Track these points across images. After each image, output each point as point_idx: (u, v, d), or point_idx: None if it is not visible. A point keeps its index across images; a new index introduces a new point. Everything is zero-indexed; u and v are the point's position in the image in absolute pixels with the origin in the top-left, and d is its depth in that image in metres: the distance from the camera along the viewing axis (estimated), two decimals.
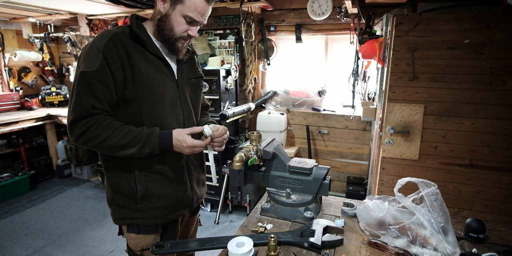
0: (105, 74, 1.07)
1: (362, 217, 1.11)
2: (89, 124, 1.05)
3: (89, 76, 1.05)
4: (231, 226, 3.03)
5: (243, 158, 1.11)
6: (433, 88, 2.06)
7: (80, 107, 1.05)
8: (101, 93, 1.07)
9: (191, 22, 1.14)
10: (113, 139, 1.07)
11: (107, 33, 1.12)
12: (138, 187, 1.19)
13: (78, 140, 1.08)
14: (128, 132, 1.09)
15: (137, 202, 1.20)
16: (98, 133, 1.06)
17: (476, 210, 2.12)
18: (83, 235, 2.91)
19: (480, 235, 1.04)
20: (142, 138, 1.09)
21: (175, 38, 1.16)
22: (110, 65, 1.07)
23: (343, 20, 3.00)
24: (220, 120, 2.99)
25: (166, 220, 1.26)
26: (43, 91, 4.30)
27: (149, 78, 1.14)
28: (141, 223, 1.22)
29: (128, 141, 1.08)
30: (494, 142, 2.00)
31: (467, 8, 2.08)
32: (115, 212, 1.24)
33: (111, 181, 1.22)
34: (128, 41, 1.13)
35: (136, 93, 1.12)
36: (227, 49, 3.55)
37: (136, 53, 1.13)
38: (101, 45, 1.07)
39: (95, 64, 1.06)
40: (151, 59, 1.16)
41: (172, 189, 1.24)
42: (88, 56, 1.08)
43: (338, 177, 3.56)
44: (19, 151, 4.05)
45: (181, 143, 1.12)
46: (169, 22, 1.14)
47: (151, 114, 1.16)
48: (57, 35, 4.18)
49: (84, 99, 1.06)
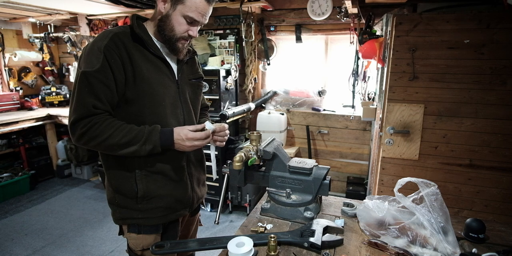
0: (106, 74, 1.06)
1: (362, 217, 1.11)
2: (91, 123, 1.05)
3: (90, 76, 1.05)
4: (231, 226, 3.03)
5: (243, 158, 1.11)
6: (433, 88, 2.06)
7: (81, 107, 1.05)
8: (102, 93, 1.07)
9: (191, 22, 1.14)
10: (114, 138, 1.07)
11: (108, 33, 1.11)
12: (139, 187, 1.19)
13: (79, 140, 1.08)
14: (130, 131, 1.09)
15: (138, 202, 1.20)
16: (100, 132, 1.06)
17: (476, 210, 2.12)
18: (83, 235, 2.91)
19: (480, 235, 1.04)
20: (143, 135, 1.09)
21: (176, 38, 1.16)
22: (111, 65, 1.07)
23: (343, 20, 3.00)
24: (220, 120, 2.99)
25: (167, 220, 1.26)
26: (43, 91, 4.30)
27: (150, 79, 1.13)
28: (141, 223, 1.22)
29: (129, 139, 1.08)
30: (494, 142, 2.00)
31: (467, 8, 2.08)
32: (116, 212, 1.24)
33: (112, 181, 1.22)
34: (129, 41, 1.13)
35: (137, 94, 1.12)
36: (227, 49, 3.55)
37: (137, 53, 1.13)
38: (102, 45, 1.07)
39: (96, 64, 1.05)
40: (152, 60, 1.16)
41: (172, 189, 1.24)
42: (89, 56, 1.07)
43: (338, 177, 3.56)
44: (19, 151, 4.05)
45: (181, 137, 1.12)
46: (169, 23, 1.14)
47: (152, 114, 1.16)
48: (57, 35, 4.18)
49: (86, 99, 1.05)
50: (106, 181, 1.26)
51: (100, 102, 1.07)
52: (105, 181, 1.27)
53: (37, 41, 4.23)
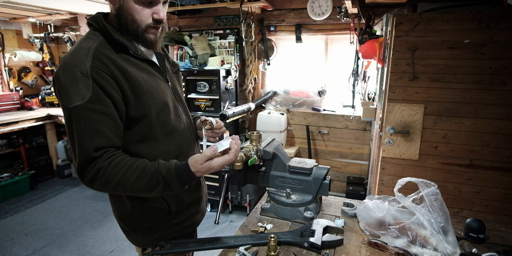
0: (102, 102, 0.90)
1: (362, 217, 1.11)
2: (95, 169, 0.90)
3: (84, 109, 0.88)
4: (231, 226, 3.03)
5: (243, 158, 1.11)
6: (433, 88, 2.06)
7: (82, 152, 0.90)
8: (104, 126, 0.91)
9: (150, 2, 0.95)
10: (125, 183, 0.91)
11: (84, 51, 0.92)
12: (169, 203, 1.09)
13: (92, 187, 0.94)
14: (141, 174, 0.91)
15: (173, 217, 1.12)
16: (108, 178, 0.90)
17: (476, 210, 2.12)
18: (83, 235, 2.91)
19: (480, 235, 1.04)
20: (160, 183, 0.92)
21: (142, 29, 0.98)
22: (104, 89, 0.90)
23: (343, 20, 3.00)
24: (220, 120, 2.99)
25: (198, 222, 1.26)
26: (43, 91, 4.31)
27: (149, 88, 1.00)
28: (177, 235, 1.17)
29: (143, 185, 0.92)
30: (494, 142, 2.00)
31: (467, 8, 2.08)
32: (145, 236, 1.12)
33: (137, 209, 1.09)
34: (112, 52, 0.96)
35: (142, 109, 0.99)
36: (227, 49, 3.55)
37: (126, 64, 0.97)
38: (87, 68, 0.89)
39: (86, 93, 0.88)
40: (141, 66, 1.02)
41: (195, 192, 1.22)
42: (73, 86, 0.88)
43: (338, 177, 3.56)
44: (19, 151, 4.05)
45: (205, 169, 0.93)
46: (127, 13, 0.95)
47: (160, 125, 1.05)
48: (57, 35, 4.18)
49: (85, 141, 0.89)
50: (120, 211, 1.12)
51: (103, 138, 0.91)
52: (117, 209, 1.13)
53: (37, 41, 4.24)
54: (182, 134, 1.14)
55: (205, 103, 3.29)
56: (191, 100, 3.31)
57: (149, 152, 1.02)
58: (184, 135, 1.15)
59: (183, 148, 1.14)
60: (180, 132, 1.13)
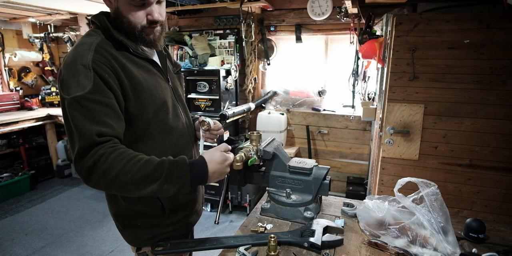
0: (103, 93, 0.89)
1: (362, 217, 1.11)
2: (96, 156, 0.84)
3: (84, 99, 0.86)
4: (231, 226, 3.03)
5: (243, 158, 1.11)
6: (433, 88, 2.06)
7: (82, 137, 0.85)
8: (104, 115, 0.88)
9: (143, 4, 0.96)
10: (127, 173, 0.85)
11: (86, 45, 0.94)
12: (163, 202, 1.09)
13: (88, 179, 0.86)
14: (146, 164, 0.87)
15: (166, 218, 1.12)
16: (108, 166, 0.84)
17: (476, 210, 2.12)
18: (83, 235, 2.91)
19: (480, 235, 1.04)
20: (164, 169, 0.87)
21: (138, 30, 1.00)
22: (106, 81, 0.90)
23: (343, 20, 3.00)
24: (220, 120, 2.99)
25: (193, 223, 1.25)
26: (43, 91, 4.31)
27: (148, 86, 1.01)
28: (171, 235, 1.15)
29: (146, 175, 0.86)
30: (494, 142, 2.00)
31: (467, 8, 2.08)
32: (138, 235, 1.12)
33: (131, 207, 1.09)
34: (113, 49, 0.98)
35: (141, 106, 0.99)
36: (227, 49, 3.55)
37: (126, 61, 0.99)
38: (88, 61, 0.89)
39: (87, 84, 0.87)
40: (141, 64, 1.04)
41: (191, 192, 1.21)
42: (74, 78, 0.88)
43: (338, 177, 3.56)
44: (19, 151, 4.05)
45: (220, 164, 0.97)
46: (123, 16, 0.97)
47: (158, 124, 1.05)
48: (57, 35, 4.18)
49: (85, 127, 0.85)
50: (115, 208, 1.13)
51: (104, 127, 0.87)
52: (113, 207, 1.13)
53: (37, 41, 4.24)
54: (180, 134, 1.14)
55: (205, 103, 3.29)
56: (191, 100, 3.31)
57: (146, 151, 1.01)
58: (183, 135, 1.15)
59: (180, 148, 1.14)
60: (178, 132, 1.13)
